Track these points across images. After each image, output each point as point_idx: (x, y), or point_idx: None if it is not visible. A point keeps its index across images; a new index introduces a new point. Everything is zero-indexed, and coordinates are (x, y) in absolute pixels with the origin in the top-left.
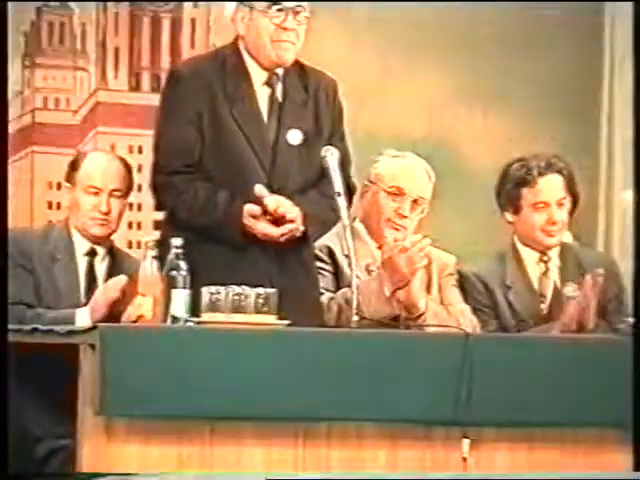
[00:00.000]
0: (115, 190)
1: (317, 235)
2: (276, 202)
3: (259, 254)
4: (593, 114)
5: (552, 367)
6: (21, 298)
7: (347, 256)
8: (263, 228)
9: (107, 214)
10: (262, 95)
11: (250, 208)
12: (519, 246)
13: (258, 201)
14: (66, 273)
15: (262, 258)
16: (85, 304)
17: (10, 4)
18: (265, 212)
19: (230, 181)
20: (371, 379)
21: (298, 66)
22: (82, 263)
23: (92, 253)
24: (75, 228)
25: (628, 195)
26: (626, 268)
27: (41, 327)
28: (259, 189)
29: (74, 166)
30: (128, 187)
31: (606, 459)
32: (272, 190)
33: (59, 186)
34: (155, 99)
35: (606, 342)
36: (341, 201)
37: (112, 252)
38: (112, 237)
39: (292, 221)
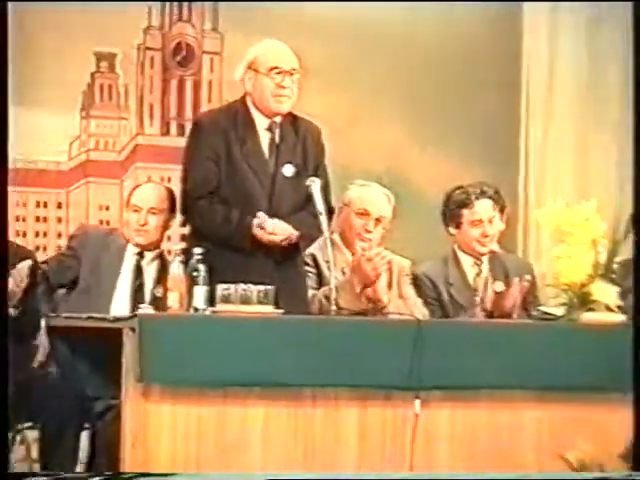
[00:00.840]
0: (153, 208)
1: (305, 246)
2: (273, 226)
3: (261, 260)
4: (512, 150)
5: (483, 343)
6: (61, 281)
7: (327, 262)
8: (268, 238)
9: (143, 226)
10: (264, 138)
11: (258, 222)
12: (459, 253)
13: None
14: (113, 267)
15: (263, 263)
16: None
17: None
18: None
19: (241, 203)
20: (345, 355)
21: (291, 116)
22: (130, 261)
23: (140, 254)
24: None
25: (539, 213)
26: (538, 270)
27: (95, 315)
28: (260, 217)
29: (130, 194)
30: (169, 207)
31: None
32: (272, 210)
33: (107, 208)
34: (181, 142)
35: (523, 324)
36: (323, 219)
37: (161, 257)
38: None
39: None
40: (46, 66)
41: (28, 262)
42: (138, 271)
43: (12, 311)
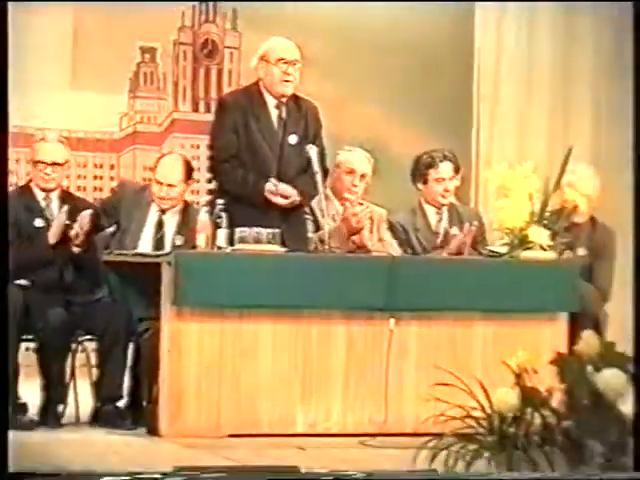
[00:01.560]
0: (171, 185)
1: (306, 202)
2: (283, 189)
3: (271, 211)
4: (467, 123)
5: (443, 274)
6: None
7: (322, 211)
8: (277, 200)
9: (164, 197)
10: (274, 114)
11: (269, 187)
12: (424, 205)
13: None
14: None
15: (272, 213)
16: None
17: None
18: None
19: (255, 165)
20: (335, 283)
21: (295, 96)
22: (153, 216)
23: (162, 211)
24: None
25: (487, 173)
26: (486, 218)
27: (141, 251)
28: (270, 184)
29: (155, 165)
30: (185, 177)
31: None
32: (280, 171)
33: (151, 169)
34: (208, 117)
35: (474, 259)
36: (318, 177)
37: (183, 210)
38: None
39: (293, 196)
40: (102, 58)
41: (89, 211)
42: (159, 224)
43: (76, 249)
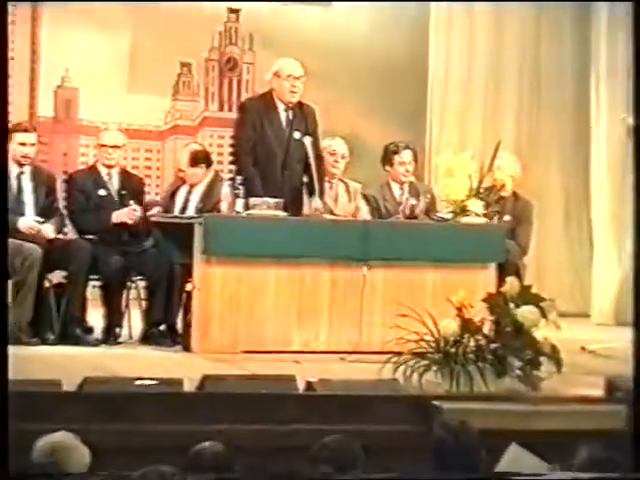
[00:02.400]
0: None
1: (308, 181)
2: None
3: (276, 185)
4: (422, 120)
5: (403, 233)
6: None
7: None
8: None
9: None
10: (282, 116)
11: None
12: (391, 182)
13: None
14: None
15: (278, 187)
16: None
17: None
18: None
19: (267, 157)
20: (323, 239)
21: (299, 102)
22: (183, 191)
23: (190, 186)
24: None
25: (437, 158)
26: (437, 192)
27: (179, 215)
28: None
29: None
30: (206, 164)
31: (424, 275)
32: (285, 160)
33: None
34: (232, 115)
35: (427, 223)
36: (311, 161)
37: (207, 185)
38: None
39: None
40: (151, 69)
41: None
42: (187, 197)
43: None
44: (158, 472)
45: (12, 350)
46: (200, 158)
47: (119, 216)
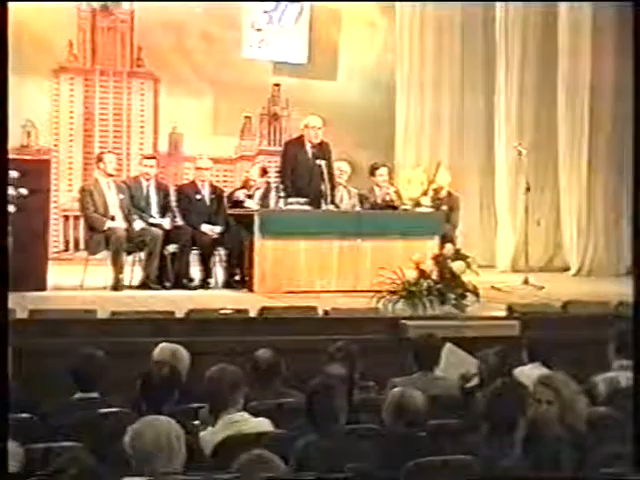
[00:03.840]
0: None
1: (324, 188)
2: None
3: (304, 191)
4: (391, 142)
5: (378, 218)
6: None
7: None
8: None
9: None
10: (309, 151)
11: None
12: (374, 186)
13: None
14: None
15: (305, 192)
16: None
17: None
18: None
19: (299, 174)
20: (333, 222)
21: (320, 141)
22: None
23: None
24: None
25: (402, 172)
26: (403, 194)
27: (246, 207)
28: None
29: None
30: (262, 175)
31: (392, 245)
32: (311, 179)
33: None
34: (275, 149)
35: (393, 212)
36: (326, 176)
37: (264, 189)
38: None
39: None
40: (227, 120)
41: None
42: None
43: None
44: (227, 369)
45: (143, 292)
46: (264, 173)
47: (208, 228)
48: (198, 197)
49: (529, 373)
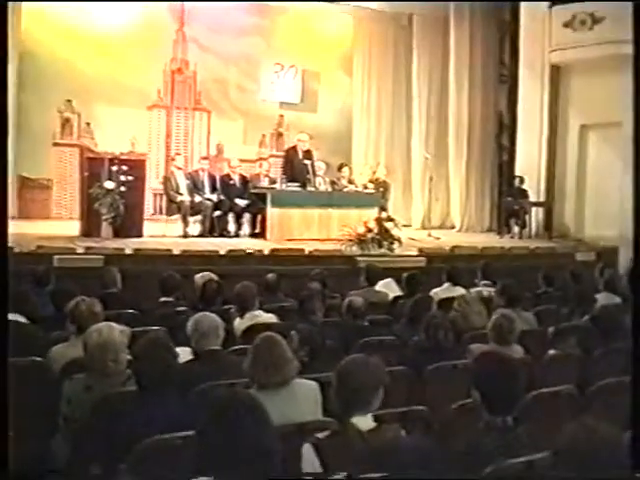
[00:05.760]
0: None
1: (309, 177)
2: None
3: (297, 178)
4: (349, 146)
5: (345, 196)
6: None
7: (313, 179)
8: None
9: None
10: (300, 154)
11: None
12: (341, 178)
13: None
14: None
15: (298, 179)
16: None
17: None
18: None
19: (294, 168)
20: (315, 198)
21: (307, 149)
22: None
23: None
24: None
25: (357, 168)
26: (358, 182)
27: (262, 186)
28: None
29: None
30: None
31: (358, 213)
32: (301, 169)
33: (268, 169)
34: (280, 154)
35: (358, 191)
36: (310, 169)
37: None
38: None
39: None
40: (252, 136)
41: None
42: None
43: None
44: (249, 284)
45: (200, 239)
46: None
47: (239, 201)
48: (232, 182)
49: (435, 291)
